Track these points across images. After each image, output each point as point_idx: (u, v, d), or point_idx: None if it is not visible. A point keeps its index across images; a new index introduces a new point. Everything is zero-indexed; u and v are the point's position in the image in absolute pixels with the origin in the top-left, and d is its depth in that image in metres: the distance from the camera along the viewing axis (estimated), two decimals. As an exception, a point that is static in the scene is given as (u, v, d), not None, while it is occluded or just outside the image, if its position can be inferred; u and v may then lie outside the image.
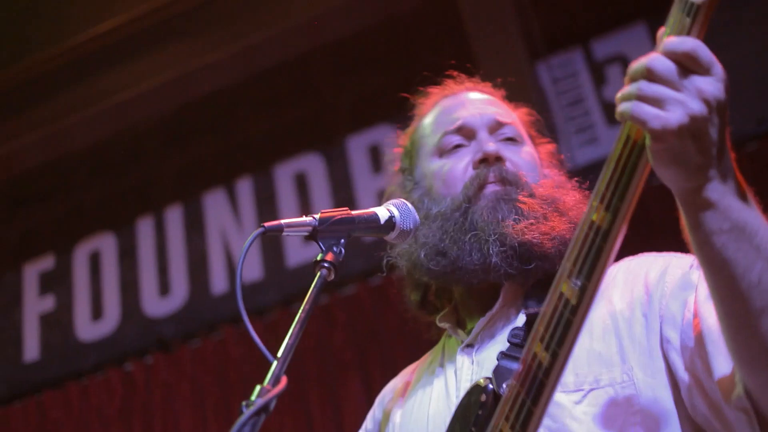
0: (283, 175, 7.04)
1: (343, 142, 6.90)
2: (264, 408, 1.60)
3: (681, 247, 2.01)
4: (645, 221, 5.26)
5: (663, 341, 1.99)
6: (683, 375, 1.94)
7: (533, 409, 1.75)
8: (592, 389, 2.01)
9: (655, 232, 4.69)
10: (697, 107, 1.55)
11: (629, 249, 2.21)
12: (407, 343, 5.62)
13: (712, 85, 1.57)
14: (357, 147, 6.82)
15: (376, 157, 6.65)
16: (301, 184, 6.95)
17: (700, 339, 1.89)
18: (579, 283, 1.68)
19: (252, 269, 6.82)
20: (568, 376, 2.03)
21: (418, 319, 2.58)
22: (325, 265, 1.90)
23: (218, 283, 6.90)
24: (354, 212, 2.04)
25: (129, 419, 6.82)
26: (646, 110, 1.56)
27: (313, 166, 6.96)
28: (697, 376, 1.91)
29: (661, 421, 1.96)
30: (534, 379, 1.75)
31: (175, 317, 7.02)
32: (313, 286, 1.86)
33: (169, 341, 6.94)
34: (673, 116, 1.55)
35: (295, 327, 1.77)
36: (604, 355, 2.05)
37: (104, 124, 7.28)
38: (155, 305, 7.13)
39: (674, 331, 1.97)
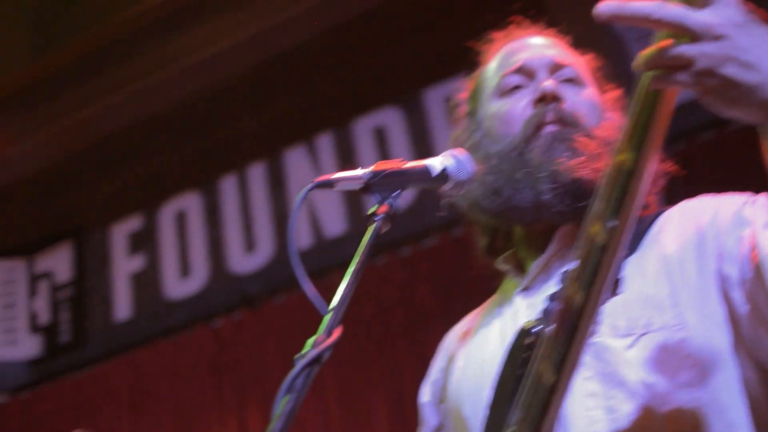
0: (363, 130, 7.06)
1: (420, 94, 6.89)
2: (316, 359, 1.61)
3: (763, 190, 1.99)
4: (724, 167, 5.20)
5: (722, 280, 1.95)
6: (744, 309, 1.90)
7: (569, 349, 1.74)
8: (643, 333, 1.98)
9: (734, 176, 4.62)
10: (710, 47, 1.52)
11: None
12: (490, 293, 5.62)
13: (718, 14, 1.52)
14: (435, 99, 6.79)
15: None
16: (381, 138, 6.97)
17: (758, 270, 1.85)
18: (608, 222, 1.67)
19: (335, 223, 6.87)
20: (620, 321, 2.01)
21: (486, 265, 2.57)
22: (378, 217, 1.90)
23: (302, 238, 6.92)
24: (407, 164, 2.02)
25: (220, 375, 6.96)
26: (677, 77, 1.54)
27: (392, 119, 6.97)
28: (759, 307, 1.87)
29: (714, 363, 1.92)
30: (569, 319, 1.74)
31: (261, 273, 7.11)
32: (366, 238, 1.87)
33: (255, 297, 7.04)
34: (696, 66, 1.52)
35: (348, 279, 1.78)
36: (655, 298, 2.02)
37: (185, 83, 7.36)
38: (241, 262, 7.24)
39: (733, 266, 1.93)
